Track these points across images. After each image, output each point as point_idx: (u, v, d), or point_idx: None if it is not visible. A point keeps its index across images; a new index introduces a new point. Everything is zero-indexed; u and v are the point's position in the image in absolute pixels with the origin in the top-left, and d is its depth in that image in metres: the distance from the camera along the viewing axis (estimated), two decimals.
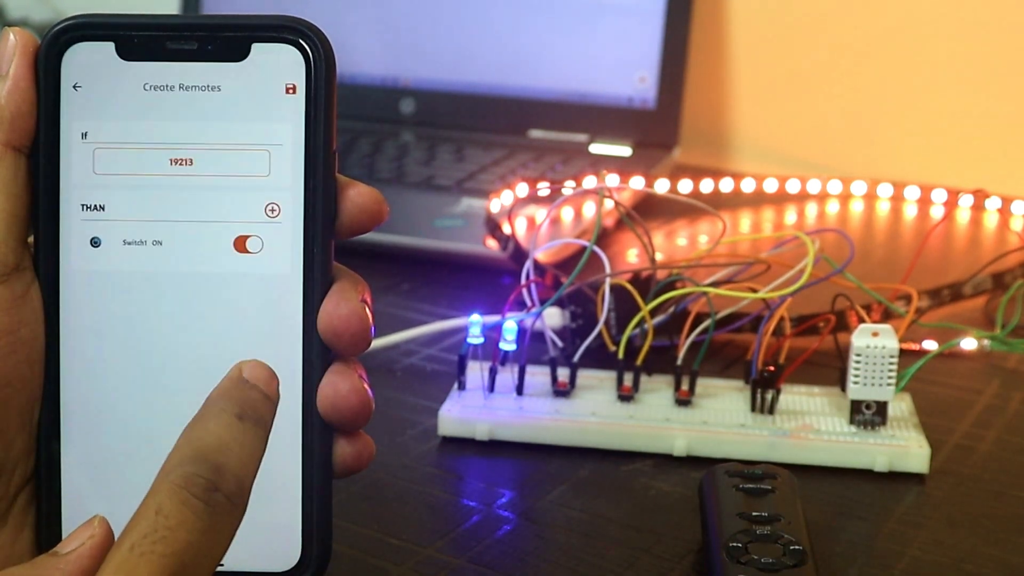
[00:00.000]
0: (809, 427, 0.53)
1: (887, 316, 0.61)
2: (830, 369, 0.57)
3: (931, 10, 0.99)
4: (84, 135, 0.36)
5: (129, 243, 0.36)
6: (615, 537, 0.47)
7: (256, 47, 0.36)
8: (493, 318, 0.57)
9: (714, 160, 1.07)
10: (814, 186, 0.95)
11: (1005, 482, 0.51)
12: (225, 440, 0.31)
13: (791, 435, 0.52)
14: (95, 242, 0.36)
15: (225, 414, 0.32)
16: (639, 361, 0.55)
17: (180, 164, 0.36)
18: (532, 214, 0.80)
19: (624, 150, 0.96)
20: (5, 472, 0.35)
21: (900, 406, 0.55)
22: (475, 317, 0.54)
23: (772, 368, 0.54)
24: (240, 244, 0.36)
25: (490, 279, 0.74)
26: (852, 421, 0.53)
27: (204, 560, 0.30)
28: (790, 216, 0.92)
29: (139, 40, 0.36)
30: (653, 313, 0.57)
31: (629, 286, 0.57)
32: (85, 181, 0.36)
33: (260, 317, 0.36)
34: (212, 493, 0.30)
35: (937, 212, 0.93)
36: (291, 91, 0.36)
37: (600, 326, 0.57)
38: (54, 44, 0.36)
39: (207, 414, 0.32)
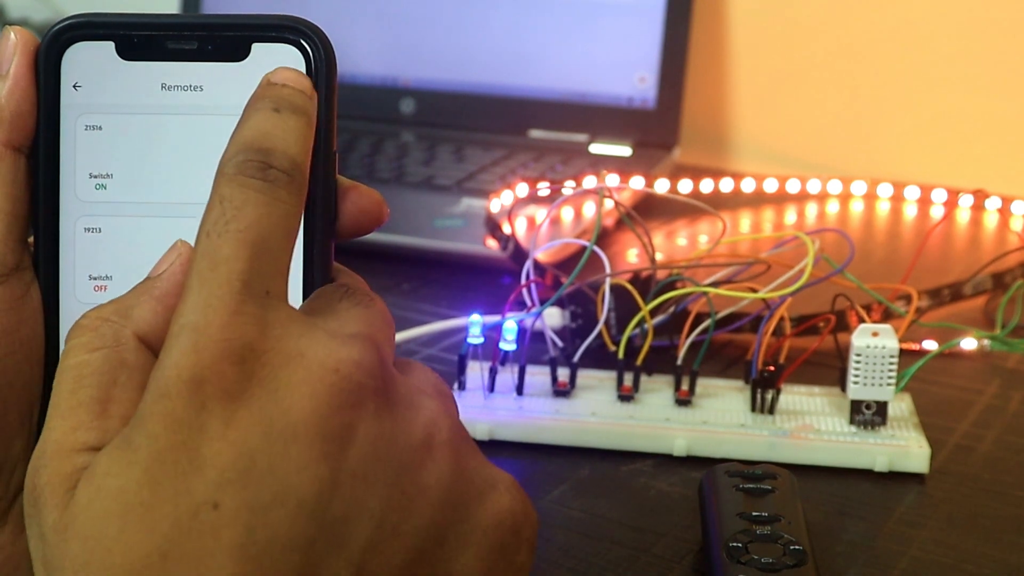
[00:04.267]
0: (809, 427, 0.53)
1: (887, 316, 0.61)
2: (830, 369, 0.57)
3: (931, 10, 0.99)
4: (84, 135, 0.36)
5: None
6: (615, 537, 0.47)
7: (256, 47, 0.36)
8: (493, 318, 0.57)
9: (714, 160, 1.07)
10: (814, 186, 0.95)
11: (1005, 482, 0.51)
12: (266, 128, 0.32)
13: (791, 435, 0.52)
14: None
15: (261, 111, 0.32)
16: (639, 361, 0.55)
17: (180, 165, 0.36)
18: (532, 214, 0.80)
19: (624, 150, 0.96)
20: (5, 472, 0.35)
21: (900, 406, 0.55)
22: (475, 317, 0.54)
23: (772, 368, 0.54)
24: None
25: (490, 279, 0.74)
26: (852, 421, 0.53)
27: (279, 231, 0.31)
28: (790, 216, 0.92)
29: (139, 40, 0.36)
30: (653, 313, 0.57)
31: (629, 286, 0.57)
32: (85, 181, 0.36)
33: None
34: (267, 170, 0.31)
35: (937, 212, 0.93)
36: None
37: (600, 326, 0.57)
38: (54, 43, 0.35)
39: (243, 117, 0.33)
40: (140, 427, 0.29)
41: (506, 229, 0.70)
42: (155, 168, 0.36)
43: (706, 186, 0.93)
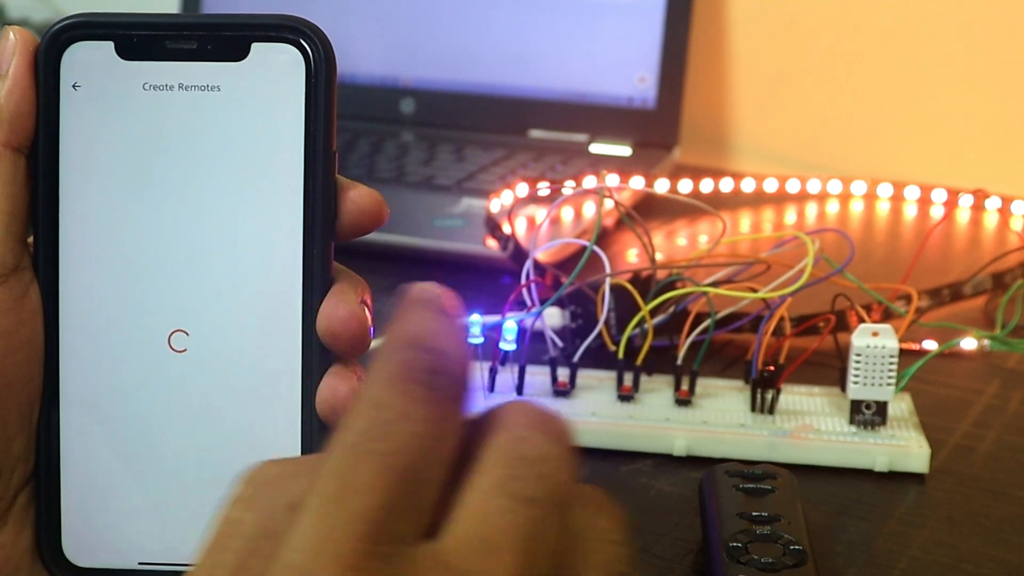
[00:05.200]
0: (809, 427, 0.53)
1: (887, 316, 0.61)
2: (830, 369, 0.57)
3: (931, 10, 0.99)
4: (83, 134, 0.36)
5: None
6: None
7: (256, 47, 0.36)
8: (493, 318, 0.57)
9: (714, 160, 1.07)
10: (814, 186, 0.95)
11: (1005, 482, 0.51)
12: (435, 327, 0.28)
13: (791, 435, 0.52)
14: None
15: (425, 310, 0.29)
16: (639, 361, 0.55)
17: (180, 164, 0.36)
18: (532, 214, 0.80)
19: (624, 150, 0.96)
20: (5, 472, 0.35)
21: (900, 406, 0.55)
22: (475, 317, 0.54)
23: (772, 368, 0.54)
24: (240, 244, 0.36)
25: (490, 279, 0.74)
26: (852, 421, 0.53)
27: (432, 457, 0.26)
28: (790, 216, 0.92)
29: (139, 39, 0.36)
30: (653, 313, 0.57)
31: (629, 286, 0.57)
32: (85, 181, 0.36)
33: (259, 318, 0.36)
34: (435, 376, 0.26)
35: (937, 212, 0.93)
36: (291, 91, 0.36)
37: (600, 326, 0.56)
38: (53, 43, 0.35)
39: (405, 314, 0.29)
40: None
41: (506, 229, 0.70)
42: (155, 167, 0.36)
43: (706, 186, 0.93)
